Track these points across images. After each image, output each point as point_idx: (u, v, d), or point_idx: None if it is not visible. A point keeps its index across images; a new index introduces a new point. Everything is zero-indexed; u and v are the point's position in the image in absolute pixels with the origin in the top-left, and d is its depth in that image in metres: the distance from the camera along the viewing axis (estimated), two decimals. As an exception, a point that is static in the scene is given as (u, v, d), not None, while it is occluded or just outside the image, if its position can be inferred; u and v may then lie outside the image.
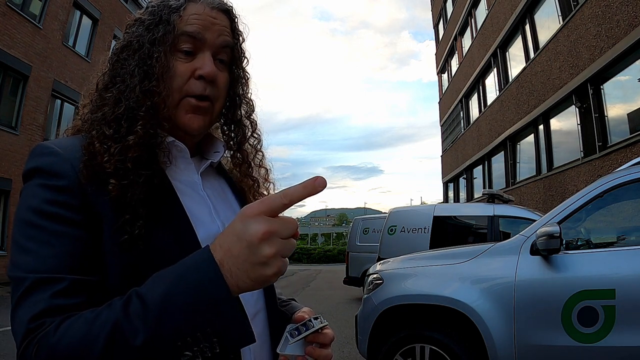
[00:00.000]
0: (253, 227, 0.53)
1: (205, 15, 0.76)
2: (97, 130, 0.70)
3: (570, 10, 10.92)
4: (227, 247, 0.55)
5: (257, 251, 0.53)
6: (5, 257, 12.52)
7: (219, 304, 0.53)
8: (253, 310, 0.77)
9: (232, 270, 0.54)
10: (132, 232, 0.64)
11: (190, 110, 0.76)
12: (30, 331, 0.56)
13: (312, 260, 30.01)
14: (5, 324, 6.84)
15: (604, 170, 9.12)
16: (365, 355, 3.78)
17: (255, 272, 0.54)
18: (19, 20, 12.64)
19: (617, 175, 3.11)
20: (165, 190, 0.72)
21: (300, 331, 0.73)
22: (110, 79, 0.75)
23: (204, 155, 0.86)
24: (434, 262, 3.71)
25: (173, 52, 0.74)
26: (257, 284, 0.55)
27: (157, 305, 0.53)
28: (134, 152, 0.68)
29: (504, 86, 15.81)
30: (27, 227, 0.63)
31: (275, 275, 0.55)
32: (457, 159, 22.36)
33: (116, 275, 0.64)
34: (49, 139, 0.77)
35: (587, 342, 2.75)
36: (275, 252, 0.54)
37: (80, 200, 0.64)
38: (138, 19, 0.77)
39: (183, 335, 0.52)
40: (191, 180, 0.79)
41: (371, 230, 10.95)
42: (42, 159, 0.67)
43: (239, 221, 0.55)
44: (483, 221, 6.54)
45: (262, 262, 0.53)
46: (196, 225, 0.72)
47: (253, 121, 0.89)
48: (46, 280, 0.59)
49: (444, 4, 25.43)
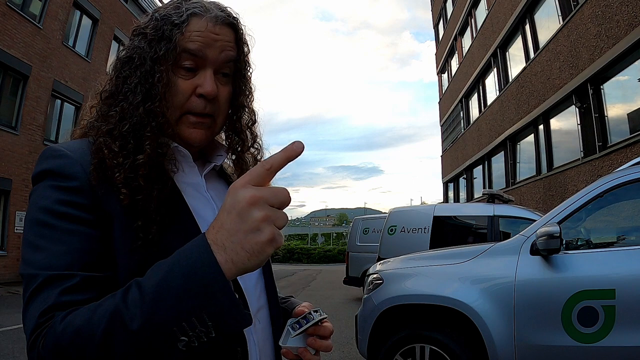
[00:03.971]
0: (240, 195, 0.54)
1: (208, 32, 0.75)
2: (105, 140, 0.71)
3: (570, 10, 10.92)
4: (219, 224, 0.55)
5: (247, 216, 0.53)
6: (5, 257, 12.52)
7: (211, 285, 0.53)
8: (256, 306, 0.79)
9: (225, 245, 0.54)
10: (145, 238, 0.66)
11: (191, 125, 0.77)
12: (39, 325, 0.58)
13: (312, 260, 30.01)
14: (6, 324, 6.84)
15: (604, 170, 9.12)
16: (365, 355, 3.78)
17: (249, 241, 0.53)
18: (19, 20, 12.63)
19: (617, 175, 3.11)
20: (172, 192, 0.73)
21: (302, 324, 0.75)
22: (113, 90, 0.76)
23: (207, 158, 0.87)
24: (434, 262, 3.71)
25: (174, 69, 0.75)
26: (252, 256, 0.54)
27: (153, 292, 0.54)
28: (145, 170, 0.69)
29: (504, 86, 15.81)
30: (39, 227, 0.64)
31: (270, 243, 0.54)
32: (457, 159, 22.36)
33: (126, 272, 0.65)
34: (49, 139, 0.77)
35: (587, 342, 2.75)
36: (264, 215, 0.53)
37: (91, 201, 0.66)
38: (141, 32, 0.77)
39: (178, 320, 0.53)
40: (195, 182, 0.80)
41: (371, 230, 10.95)
42: (53, 162, 0.68)
43: (228, 196, 0.55)
44: (483, 221, 6.53)
45: (253, 227, 0.53)
46: (202, 225, 0.73)
47: (254, 132, 0.89)
48: (58, 277, 0.60)
49: (444, 4, 25.43)
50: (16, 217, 12.93)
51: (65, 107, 15.18)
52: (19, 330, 6.37)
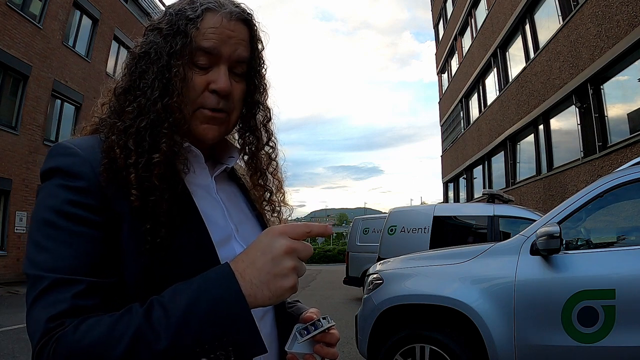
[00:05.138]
0: (279, 242, 0.60)
1: (223, 29, 0.74)
2: (118, 138, 0.70)
3: (570, 10, 10.92)
4: (250, 259, 0.60)
5: (280, 263, 0.59)
6: (5, 257, 12.52)
7: (237, 318, 0.57)
8: (262, 311, 0.78)
9: (252, 282, 0.59)
10: (153, 241, 0.66)
11: (205, 120, 0.76)
12: (48, 330, 0.57)
13: (312, 260, 29.99)
14: (6, 324, 6.84)
15: (604, 170, 9.12)
16: (365, 355, 3.78)
17: (275, 284, 0.59)
18: (19, 20, 12.63)
19: (617, 175, 3.11)
20: (182, 194, 0.72)
21: (310, 330, 0.75)
22: (128, 86, 0.74)
23: (218, 159, 0.86)
24: (434, 262, 3.71)
25: (189, 65, 0.74)
26: (274, 297, 0.59)
27: (180, 316, 0.56)
28: (160, 169, 0.68)
29: (504, 86, 15.81)
30: (46, 227, 0.63)
31: (291, 290, 0.60)
32: (457, 159, 22.36)
33: (133, 275, 0.65)
34: (49, 139, 0.77)
35: (587, 342, 2.75)
36: (295, 265, 0.60)
37: (99, 202, 0.65)
38: (156, 27, 0.76)
39: (202, 343, 0.56)
40: (205, 184, 0.79)
41: (371, 230, 10.94)
42: (62, 159, 0.67)
43: (265, 237, 0.61)
44: (483, 221, 6.53)
45: (283, 273, 0.59)
46: (210, 228, 0.73)
47: (269, 130, 0.88)
48: (65, 282, 0.60)
49: (444, 4, 25.43)
50: (16, 217, 12.93)
51: (65, 107, 15.17)
52: (19, 330, 6.37)
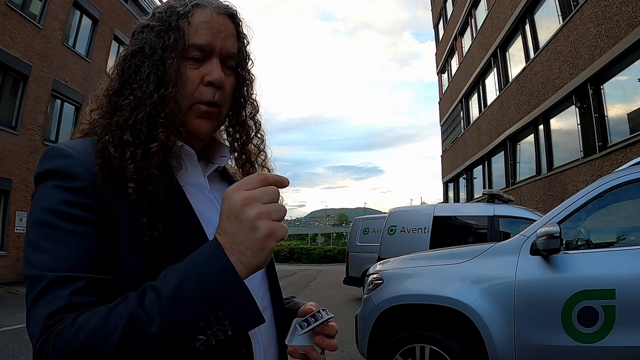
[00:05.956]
0: (233, 198, 0.58)
1: (213, 23, 0.76)
2: (112, 135, 0.71)
3: (570, 10, 10.92)
4: (222, 229, 0.59)
5: (243, 217, 0.57)
6: (5, 257, 12.52)
7: (228, 287, 0.56)
8: (260, 306, 0.79)
9: (232, 248, 0.57)
10: (151, 234, 0.66)
11: (200, 115, 0.77)
12: (48, 327, 0.57)
13: (312, 260, 30.01)
14: (6, 324, 6.84)
15: (604, 170, 9.12)
16: (365, 355, 3.78)
17: (250, 240, 0.57)
18: (19, 20, 12.62)
19: (617, 175, 3.11)
20: (176, 192, 0.73)
21: (310, 322, 0.76)
22: (122, 84, 0.75)
23: (209, 159, 0.88)
24: (434, 262, 3.71)
25: (183, 59, 0.75)
26: (256, 253, 0.57)
27: (171, 295, 0.55)
28: (158, 159, 0.70)
29: (504, 86, 15.81)
30: (43, 227, 0.64)
31: (270, 237, 0.57)
32: (457, 159, 22.36)
33: (131, 274, 0.65)
34: (49, 139, 0.77)
35: (587, 342, 2.75)
36: (257, 212, 0.57)
37: (95, 202, 0.66)
38: (146, 25, 0.77)
39: (196, 321, 0.55)
40: (198, 183, 0.80)
41: (371, 230, 10.95)
42: (57, 161, 0.68)
43: (224, 202, 0.59)
44: (483, 221, 6.53)
45: (250, 226, 0.57)
46: (205, 225, 0.73)
47: (257, 122, 0.90)
48: (64, 279, 0.60)
49: (444, 4, 25.43)
50: (16, 217, 12.93)
51: (65, 107, 15.18)
52: (19, 330, 6.37)
